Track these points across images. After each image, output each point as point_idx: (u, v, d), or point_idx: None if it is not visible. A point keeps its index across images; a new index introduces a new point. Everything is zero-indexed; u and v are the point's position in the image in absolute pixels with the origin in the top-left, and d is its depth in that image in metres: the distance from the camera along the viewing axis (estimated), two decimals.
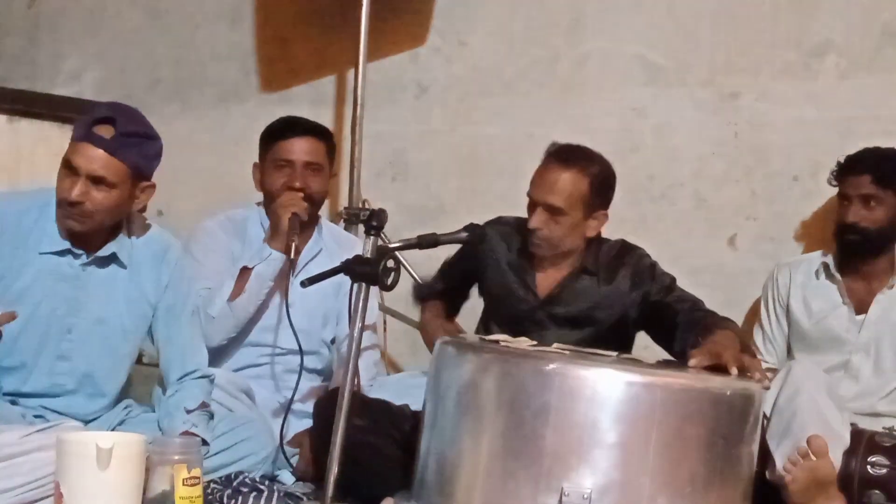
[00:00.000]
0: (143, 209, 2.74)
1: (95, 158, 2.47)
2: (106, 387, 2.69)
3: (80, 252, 2.61)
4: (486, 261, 2.98)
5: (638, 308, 2.89)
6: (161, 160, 2.66)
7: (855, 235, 3.14)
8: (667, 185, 3.68)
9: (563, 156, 2.85)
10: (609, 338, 2.86)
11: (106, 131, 2.49)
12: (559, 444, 2.25)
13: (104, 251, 2.62)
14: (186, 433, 2.52)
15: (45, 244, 2.58)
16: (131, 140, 2.51)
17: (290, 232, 2.99)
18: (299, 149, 3.10)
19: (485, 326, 3.06)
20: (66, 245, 2.57)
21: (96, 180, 2.49)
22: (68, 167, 2.49)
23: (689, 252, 3.63)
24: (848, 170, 3.18)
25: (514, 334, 2.65)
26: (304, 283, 2.62)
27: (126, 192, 2.55)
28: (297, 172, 3.09)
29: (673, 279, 2.93)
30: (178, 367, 2.73)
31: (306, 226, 3.12)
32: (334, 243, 3.25)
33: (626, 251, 2.93)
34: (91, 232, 2.58)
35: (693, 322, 2.72)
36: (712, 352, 2.46)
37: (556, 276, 2.88)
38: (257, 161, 3.18)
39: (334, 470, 2.48)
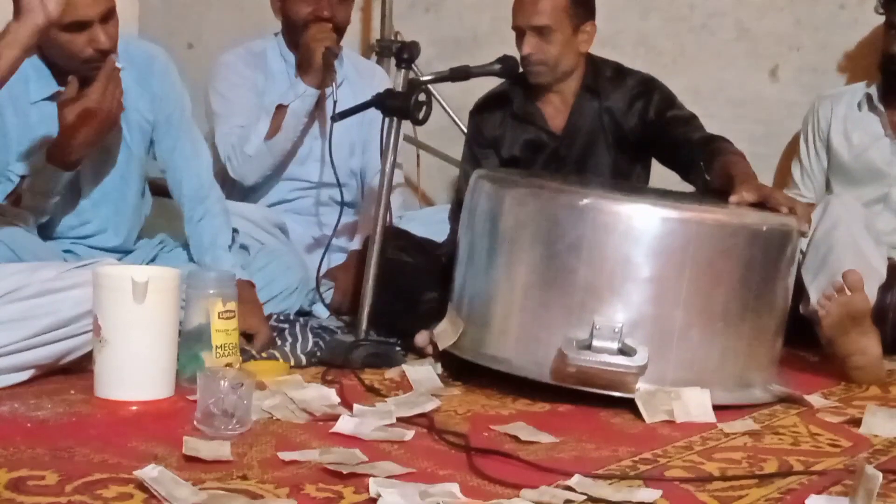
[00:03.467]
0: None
1: (96, 0, 2.39)
2: (128, 213, 2.69)
3: None
4: (495, 138, 2.88)
5: (638, 126, 2.79)
6: None
7: None
8: (707, 13, 3.57)
9: None
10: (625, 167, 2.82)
11: None
12: (592, 277, 2.25)
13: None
14: None
15: (34, 92, 2.52)
16: None
17: (327, 68, 2.93)
18: None
19: None
20: (55, 87, 2.51)
21: (107, 17, 2.42)
22: (73, 26, 2.38)
23: (730, 84, 3.55)
24: None
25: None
26: (334, 118, 2.60)
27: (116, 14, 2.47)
28: (325, 1, 3.01)
29: (673, 96, 2.81)
30: (188, 180, 2.68)
31: (337, 54, 3.06)
32: (354, 72, 3.20)
33: (624, 68, 2.84)
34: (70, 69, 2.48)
35: (702, 146, 2.65)
36: (760, 190, 2.42)
37: (563, 107, 2.81)
38: None
39: (368, 301, 2.52)
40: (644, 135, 2.79)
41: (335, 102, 2.87)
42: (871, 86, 3.18)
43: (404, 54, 2.55)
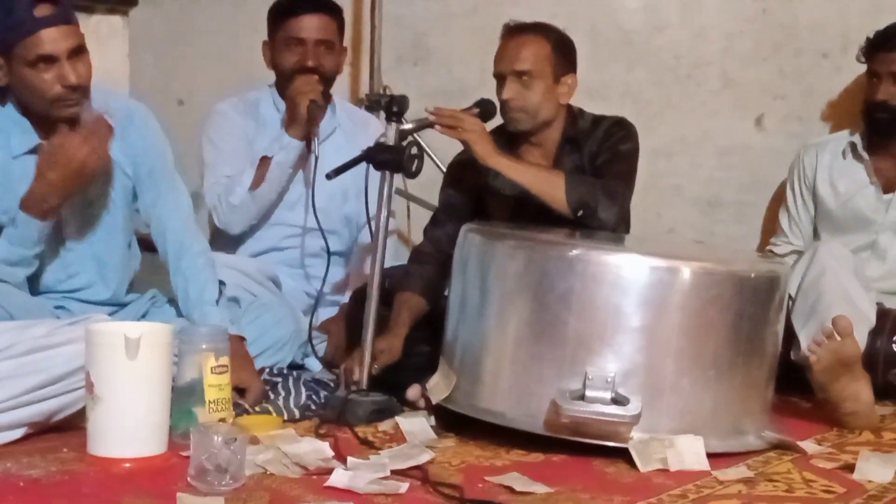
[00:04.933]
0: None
1: (63, 36, 2.40)
2: (115, 266, 2.69)
3: None
4: (477, 187, 2.89)
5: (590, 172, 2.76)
6: None
7: (885, 114, 3.08)
8: (693, 64, 3.62)
9: (520, 27, 2.79)
10: None
11: (48, 9, 2.40)
12: (583, 328, 2.26)
13: None
14: None
15: (16, 146, 2.52)
16: (64, 3, 2.45)
17: (311, 121, 2.96)
18: (310, 26, 3.05)
19: None
20: (36, 140, 2.51)
21: (75, 53, 2.43)
22: (39, 62, 2.39)
23: (716, 133, 3.59)
24: (879, 46, 3.10)
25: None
26: (329, 175, 2.61)
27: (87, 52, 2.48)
28: (310, 51, 3.05)
29: (629, 151, 2.77)
30: (172, 233, 2.67)
31: (323, 106, 3.08)
32: (349, 121, 3.23)
33: (604, 117, 2.83)
34: (52, 118, 2.49)
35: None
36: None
37: (545, 159, 2.81)
38: (267, 39, 3.14)
39: (367, 359, 2.51)
40: None
41: (317, 158, 2.90)
42: (854, 134, 3.20)
43: (394, 107, 2.56)
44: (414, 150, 2.53)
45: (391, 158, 2.53)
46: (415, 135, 2.71)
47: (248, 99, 3.22)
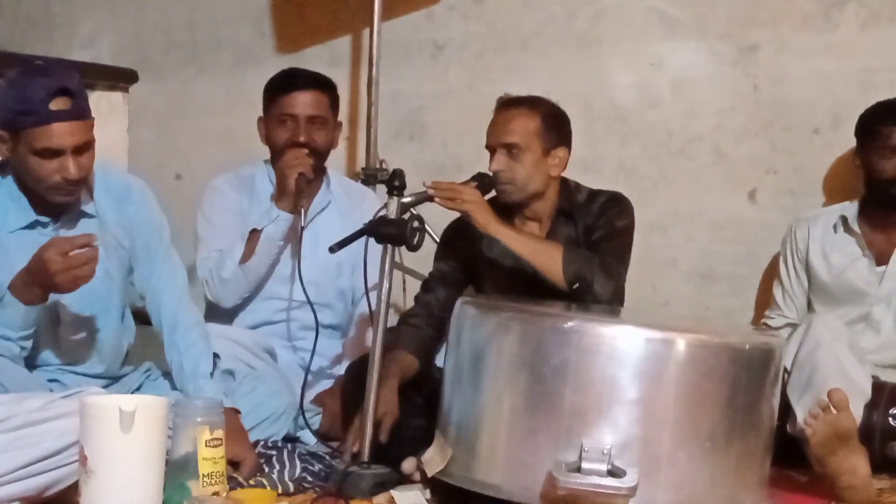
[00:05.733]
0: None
1: (73, 131, 2.42)
2: (109, 339, 2.69)
3: (46, 220, 2.56)
4: (471, 254, 2.92)
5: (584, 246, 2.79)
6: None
7: None
8: (686, 139, 3.65)
9: (512, 100, 2.84)
10: None
11: (64, 103, 2.41)
12: (579, 401, 2.25)
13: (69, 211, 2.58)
14: None
15: (12, 222, 2.54)
16: (82, 94, 2.48)
17: (298, 193, 2.99)
18: (302, 103, 3.08)
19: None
20: (33, 217, 2.54)
21: (81, 149, 2.45)
22: (44, 152, 2.41)
23: (709, 207, 3.61)
24: (885, 121, 3.09)
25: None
26: (332, 249, 2.62)
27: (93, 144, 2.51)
28: (301, 127, 3.08)
29: (624, 227, 2.81)
30: (166, 306, 2.69)
31: (313, 179, 3.11)
32: (343, 194, 3.25)
33: (600, 191, 2.86)
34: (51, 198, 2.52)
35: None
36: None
37: (539, 231, 2.83)
38: (262, 116, 3.17)
39: (368, 433, 2.50)
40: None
41: (303, 228, 2.93)
42: (844, 208, 3.21)
43: (395, 181, 2.58)
44: (416, 224, 2.55)
45: (394, 232, 2.54)
46: (415, 208, 2.73)
47: (244, 174, 3.24)
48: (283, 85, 3.13)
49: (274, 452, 2.66)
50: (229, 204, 3.18)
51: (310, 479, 2.55)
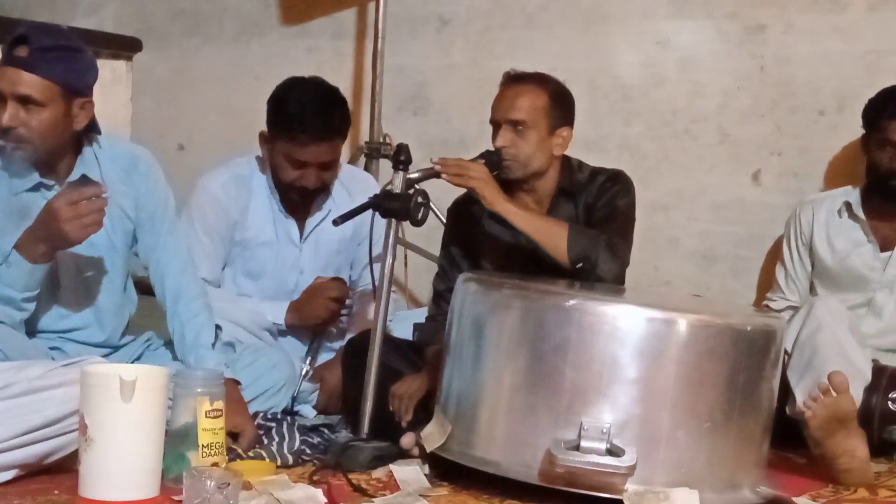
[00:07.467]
0: (93, 127, 2.61)
1: (17, 79, 2.43)
2: (111, 308, 2.69)
3: (51, 183, 2.56)
4: (474, 236, 2.91)
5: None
6: (98, 74, 2.58)
7: None
8: (690, 119, 3.64)
9: (520, 77, 2.82)
10: None
11: (22, 50, 2.44)
12: (579, 379, 2.26)
13: (73, 176, 2.57)
14: None
15: (16, 184, 2.53)
16: (50, 55, 2.45)
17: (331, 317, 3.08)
18: (316, 152, 2.94)
19: None
20: (37, 179, 2.54)
21: (23, 100, 2.44)
22: None
23: (713, 188, 3.60)
24: (884, 113, 3.07)
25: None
26: (335, 222, 2.62)
27: (60, 110, 2.48)
28: (313, 174, 2.97)
29: (626, 205, 2.79)
30: (170, 277, 2.68)
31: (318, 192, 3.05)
32: (345, 193, 3.12)
33: (601, 169, 2.85)
34: (44, 160, 2.52)
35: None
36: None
37: (539, 208, 2.82)
38: (264, 130, 3.02)
39: (368, 408, 2.51)
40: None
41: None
42: (848, 193, 3.20)
43: (401, 156, 2.57)
44: (420, 199, 2.55)
45: (398, 206, 2.53)
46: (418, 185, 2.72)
47: (240, 173, 3.09)
48: (296, 128, 2.91)
49: (273, 425, 2.67)
50: (217, 219, 3.05)
51: (309, 451, 2.56)
